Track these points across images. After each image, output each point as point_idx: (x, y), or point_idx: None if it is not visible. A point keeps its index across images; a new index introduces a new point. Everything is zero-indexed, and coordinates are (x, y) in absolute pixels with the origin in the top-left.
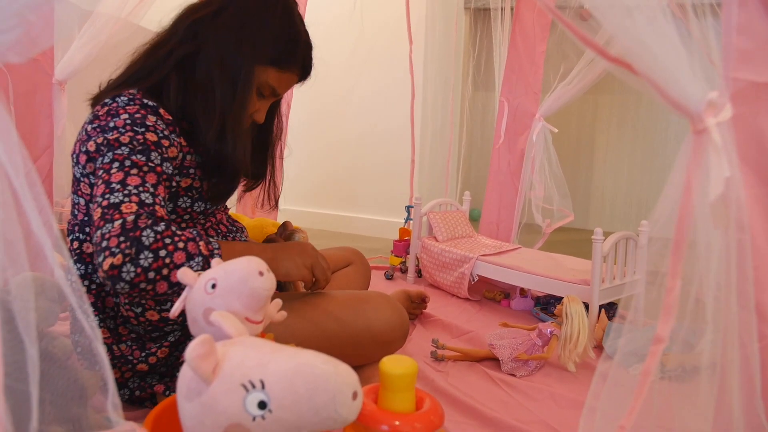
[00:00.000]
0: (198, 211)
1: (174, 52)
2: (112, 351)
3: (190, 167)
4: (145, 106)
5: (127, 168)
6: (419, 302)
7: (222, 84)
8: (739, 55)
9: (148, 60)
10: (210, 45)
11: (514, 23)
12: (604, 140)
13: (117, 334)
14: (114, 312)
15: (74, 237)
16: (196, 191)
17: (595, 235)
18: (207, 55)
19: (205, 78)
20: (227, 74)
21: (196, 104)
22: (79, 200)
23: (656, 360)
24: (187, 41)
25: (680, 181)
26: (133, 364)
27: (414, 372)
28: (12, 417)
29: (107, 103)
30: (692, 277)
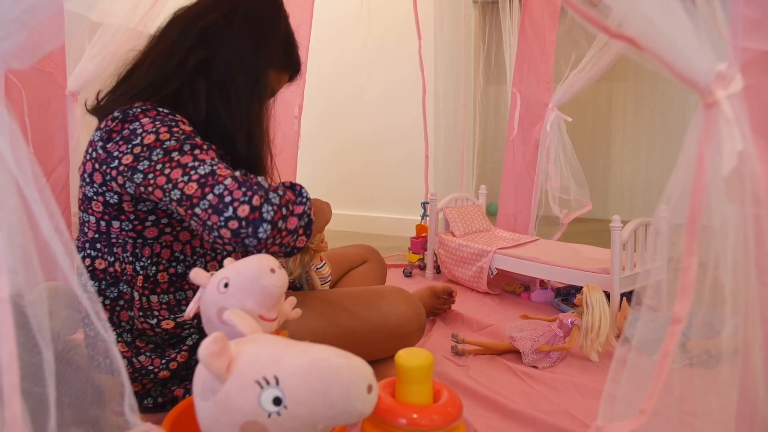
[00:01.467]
0: None
1: (188, 59)
2: (132, 364)
3: None
4: (160, 113)
5: (188, 151)
6: (446, 297)
7: (244, 88)
8: (747, 23)
9: (161, 69)
10: (226, 49)
11: (523, 13)
12: (621, 128)
13: (135, 347)
14: (129, 326)
15: (85, 254)
16: None
17: (614, 222)
18: (224, 59)
19: (224, 83)
20: (248, 78)
21: (218, 110)
22: (89, 218)
23: (675, 341)
24: (200, 47)
25: (692, 157)
26: (154, 373)
27: (430, 364)
28: (31, 419)
29: (117, 117)
30: (708, 254)
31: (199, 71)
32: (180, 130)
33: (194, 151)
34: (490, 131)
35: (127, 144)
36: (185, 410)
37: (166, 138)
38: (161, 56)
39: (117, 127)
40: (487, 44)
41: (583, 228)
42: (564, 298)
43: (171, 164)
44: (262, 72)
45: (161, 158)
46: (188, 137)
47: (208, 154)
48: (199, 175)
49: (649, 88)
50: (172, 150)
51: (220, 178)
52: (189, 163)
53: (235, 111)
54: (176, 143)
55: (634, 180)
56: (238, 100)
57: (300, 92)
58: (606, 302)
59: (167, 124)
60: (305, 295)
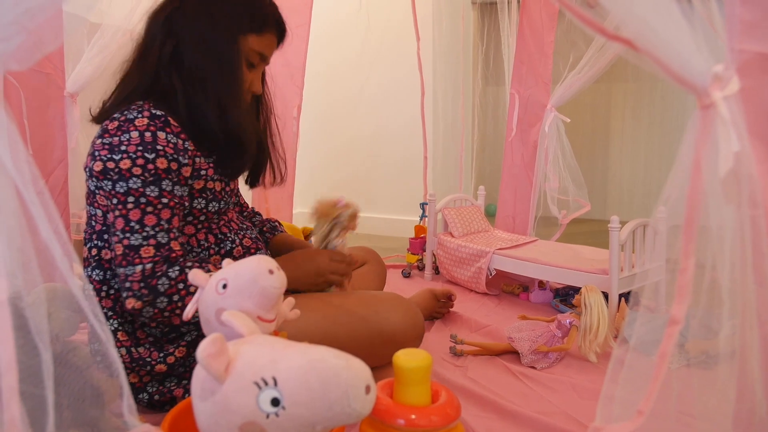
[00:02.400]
0: (213, 211)
1: (161, 54)
2: (131, 354)
3: (201, 168)
4: (153, 117)
5: (142, 205)
6: (445, 300)
7: (210, 65)
8: (743, 26)
9: (141, 71)
10: (187, 33)
11: (522, 15)
12: (619, 129)
13: (135, 338)
14: (131, 316)
15: (92, 245)
16: (210, 192)
17: (612, 223)
18: (187, 43)
19: (193, 66)
20: (212, 55)
21: (195, 95)
22: (96, 212)
23: (672, 342)
24: (167, 39)
25: (689, 158)
26: (151, 365)
27: (428, 365)
28: (29, 421)
29: (116, 118)
30: (706, 256)
31: (173, 63)
32: (154, 168)
33: (147, 208)
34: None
35: (109, 152)
36: (184, 411)
37: (138, 174)
38: (138, 59)
39: (111, 129)
40: (485, 45)
41: (581, 229)
42: (562, 298)
43: (121, 209)
44: (226, 44)
45: (119, 194)
46: (155, 180)
47: (156, 215)
48: (129, 243)
49: (648, 89)
50: (131, 193)
51: (137, 260)
52: (132, 222)
53: (206, 91)
54: (140, 186)
55: (632, 181)
56: (207, 79)
57: (299, 93)
58: (604, 303)
59: (147, 156)
60: (303, 297)
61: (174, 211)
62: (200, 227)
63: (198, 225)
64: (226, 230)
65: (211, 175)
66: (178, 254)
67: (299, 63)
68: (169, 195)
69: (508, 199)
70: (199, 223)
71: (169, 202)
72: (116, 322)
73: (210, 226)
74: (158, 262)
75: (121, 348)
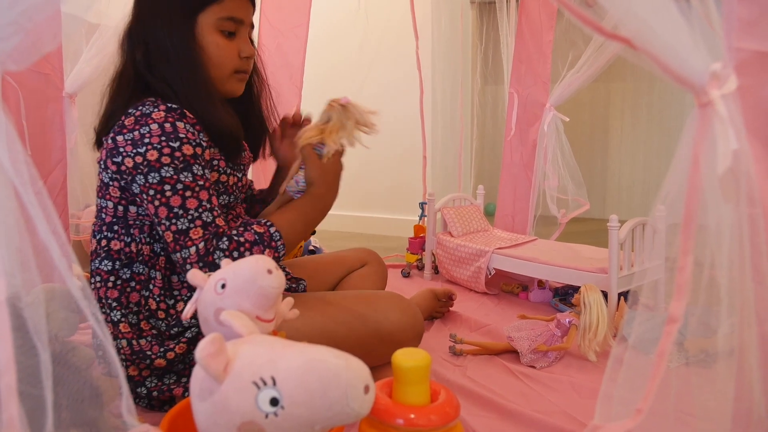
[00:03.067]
0: (222, 204)
1: (135, 65)
2: (132, 346)
3: (214, 159)
4: (170, 110)
5: (180, 191)
6: (446, 300)
7: (179, 60)
8: (741, 24)
9: (122, 85)
10: (149, 37)
11: (520, 14)
12: (618, 127)
13: (138, 329)
14: (137, 307)
15: (102, 236)
16: (222, 185)
17: (611, 222)
18: (154, 46)
19: (166, 66)
20: (178, 49)
21: (178, 92)
22: (107, 203)
23: (671, 340)
24: (136, 48)
25: (687, 157)
26: (151, 359)
27: (427, 364)
28: (28, 421)
29: (131, 113)
30: (704, 254)
31: (150, 68)
32: (182, 156)
33: (185, 193)
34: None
35: (134, 147)
36: (183, 411)
37: (167, 162)
38: (116, 75)
39: (129, 124)
40: (484, 44)
41: (580, 228)
42: (562, 297)
43: (161, 198)
44: (185, 30)
45: (155, 185)
46: (186, 166)
47: (196, 197)
48: (177, 228)
49: (647, 88)
50: (167, 182)
51: (189, 242)
52: (174, 208)
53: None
54: (174, 174)
55: (631, 180)
56: (179, 71)
57: (298, 93)
58: (604, 302)
59: (172, 145)
60: (302, 296)
61: (210, 191)
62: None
63: None
64: (234, 224)
65: (223, 167)
66: (224, 228)
67: (298, 63)
68: (201, 178)
69: (507, 198)
70: None
71: (204, 183)
72: (119, 313)
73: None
74: (208, 239)
75: (122, 339)
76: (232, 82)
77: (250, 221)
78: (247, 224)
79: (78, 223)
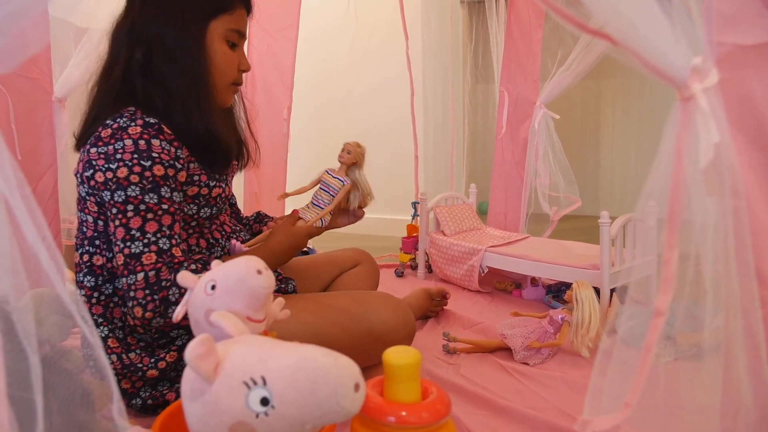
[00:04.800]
0: (204, 217)
1: (129, 64)
2: (122, 360)
3: (194, 174)
4: (147, 125)
5: (142, 212)
6: (440, 299)
7: (183, 65)
8: (721, 18)
9: (105, 88)
10: (156, 36)
11: (509, 12)
12: (609, 124)
13: (126, 344)
14: (122, 322)
15: (84, 251)
16: (203, 198)
17: (602, 218)
18: (157, 45)
19: (169, 67)
20: (184, 52)
21: (172, 99)
22: (86, 218)
23: (657, 333)
24: (135, 46)
25: (670, 151)
26: (143, 371)
27: (417, 362)
28: (18, 425)
29: (109, 125)
30: (689, 247)
31: (143, 70)
32: (151, 176)
33: (147, 215)
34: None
35: (106, 162)
36: (174, 413)
37: (135, 181)
38: (102, 73)
39: (105, 137)
40: (474, 43)
41: (574, 225)
42: (555, 294)
43: (121, 218)
44: (199, 37)
45: (118, 203)
46: (154, 187)
47: (157, 221)
48: (130, 251)
49: (638, 85)
50: (131, 201)
51: (138, 267)
52: (132, 230)
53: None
54: (139, 194)
55: (623, 176)
56: (185, 76)
57: (288, 94)
58: (596, 298)
59: (143, 164)
60: (293, 297)
61: (175, 217)
62: (191, 232)
63: (189, 230)
64: (219, 235)
65: (204, 181)
66: (181, 260)
67: (288, 64)
68: (168, 201)
69: (499, 196)
70: (190, 228)
71: (169, 208)
72: (106, 329)
73: (202, 231)
74: (161, 269)
75: (112, 354)
76: (227, 93)
77: (208, 260)
78: (206, 262)
79: (70, 227)
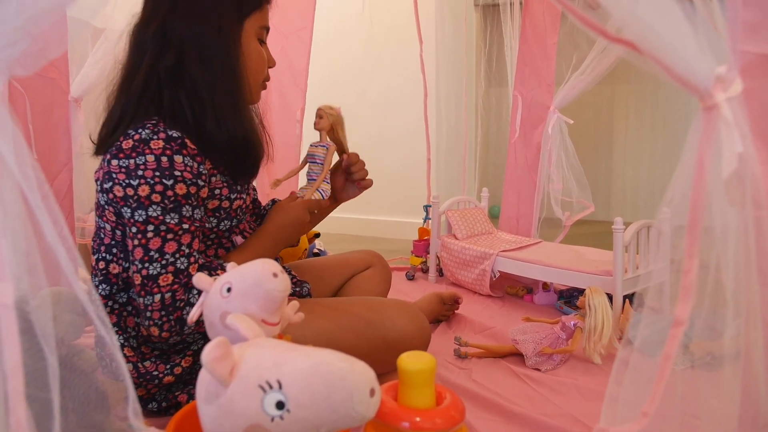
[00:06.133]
0: (224, 229)
1: (155, 69)
2: (138, 369)
3: (215, 188)
4: (169, 139)
5: (162, 233)
6: (452, 303)
7: (224, 67)
8: (746, 27)
9: (127, 94)
10: (190, 39)
11: (524, 16)
12: (623, 130)
13: (140, 353)
14: (136, 332)
15: (100, 257)
16: (224, 211)
17: (616, 224)
18: (193, 50)
19: (205, 73)
20: (225, 55)
21: (206, 103)
22: (105, 225)
23: (676, 343)
24: (166, 51)
25: (692, 160)
26: (159, 378)
27: (432, 367)
28: (35, 424)
29: (130, 135)
30: (710, 256)
31: (175, 74)
32: (173, 195)
33: (167, 236)
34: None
35: (127, 177)
36: (189, 414)
37: (157, 201)
38: (123, 81)
39: (126, 148)
40: (488, 47)
41: (586, 230)
42: (567, 300)
43: (141, 239)
44: (234, 38)
45: (139, 223)
46: (175, 206)
47: (176, 240)
48: (147, 273)
49: (652, 90)
50: (151, 221)
51: (155, 289)
52: (151, 251)
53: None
54: (160, 214)
55: (636, 182)
56: (224, 85)
57: (302, 96)
58: (609, 304)
59: (165, 182)
60: (309, 302)
61: (194, 235)
62: (210, 244)
63: (208, 242)
64: (239, 240)
65: (226, 194)
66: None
67: (302, 66)
68: (188, 221)
69: (511, 200)
70: (209, 240)
71: (189, 227)
72: (121, 338)
73: (221, 241)
74: (176, 290)
75: (128, 364)
76: (259, 91)
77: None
78: (219, 267)
79: (84, 226)
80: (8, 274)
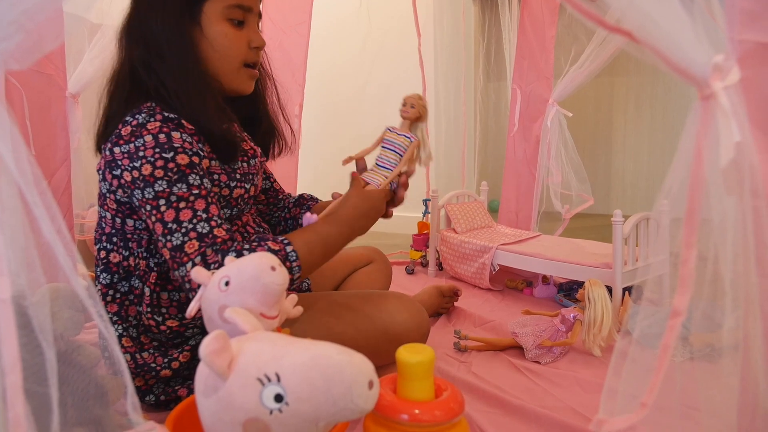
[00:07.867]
0: (225, 217)
1: (132, 65)
2: (135, 359)
3: (214, 173)
4: (166, 120)
5: (174, 203)
6: (451, 296)
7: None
8: (744, 15)
9: (116, 86)
10: (146, 30)
11: (523, 9)
12: (622, 122)
13: (140, 343)
14: (136, 321)
15: (101, 246)
16: (224, 198)
17: (615, 217)
18: (151, 43)
19: (161, 65)
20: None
21: (171, 92)
22: (106, 214)
23: (674, 334)
24: (133, 46)
25: (690, 150)
26: (156, 371)
27: (431, 359)
28: (34, 419)
29: (128, 122)
30: (708, 247)
31: (148, 69)
32: (175, 166)
33: (179, 204)
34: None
35: (130, 161)
36: (188, 408)
37: (161, 176)
38: (112, 75)
39: (125, 134)
40: (486, 41)
41: (586, 223)
42: (566, 293)
43: (156, 214)
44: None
45: (150, 200)
46: (180, 177)
47: (190, 208)
48: (172, 245)
49: (651, 82)
50: (161, 196)
51: (184, 258)
52: (168, 223)
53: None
54: (167, 187)
55: (636, 175)
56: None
57: (300, 90)
58: (608, 297)
59: (165, 156)
60: (308, 296)
61: (208, 200)
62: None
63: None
64: (239, 237)
65: (225, 181)
66: (225, 239)
67: (300, 60)
68: (198, 188)
69: (510, 194)
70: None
71: (200, 192)
72: (121, 327)
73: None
74: (205, 253)
75: (126, 354)
76: (242, 77)
77: (265, 237)
78: (262, 239)
79: (83, 222)
80: (5, 270)
